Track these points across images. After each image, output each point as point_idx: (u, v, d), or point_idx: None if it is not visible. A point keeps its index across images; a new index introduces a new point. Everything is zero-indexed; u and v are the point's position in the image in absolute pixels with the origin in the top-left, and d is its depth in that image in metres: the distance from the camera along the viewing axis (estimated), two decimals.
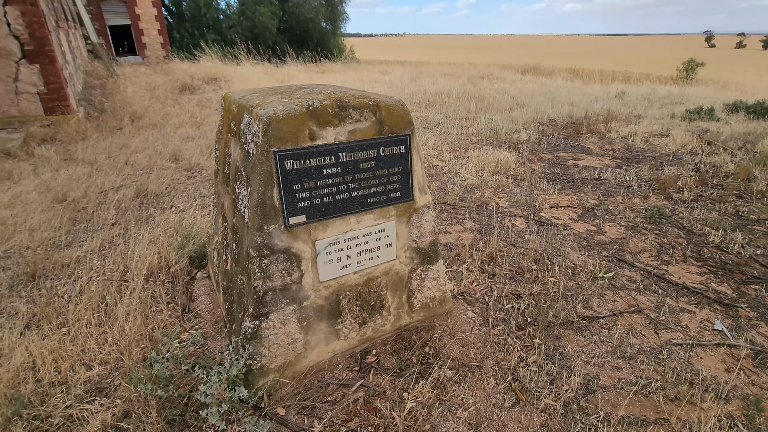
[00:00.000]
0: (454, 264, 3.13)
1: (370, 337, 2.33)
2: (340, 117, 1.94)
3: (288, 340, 2.04)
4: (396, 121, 2.10)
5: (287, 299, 2.00)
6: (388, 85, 11.87)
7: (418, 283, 2.42)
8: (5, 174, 4.74)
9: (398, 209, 2.23)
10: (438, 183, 4.80)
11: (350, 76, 13.78)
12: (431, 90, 10.90)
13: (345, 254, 2.11)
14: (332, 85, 2.37)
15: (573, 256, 3.32)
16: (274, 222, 1.89)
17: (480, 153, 5.81)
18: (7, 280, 2.84)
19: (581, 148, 6.39)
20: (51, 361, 2.13)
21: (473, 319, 2.56)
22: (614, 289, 2.90)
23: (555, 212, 4.13)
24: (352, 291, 2.19)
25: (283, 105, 1.84)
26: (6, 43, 6.19)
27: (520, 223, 3.88)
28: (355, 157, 2.01)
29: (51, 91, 6.65)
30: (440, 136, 6.85)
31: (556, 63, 23.75)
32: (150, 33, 16.86)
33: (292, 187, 1.88)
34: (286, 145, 1.83)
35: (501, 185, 4.77)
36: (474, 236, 3.58)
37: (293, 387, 2.06)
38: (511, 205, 4.25)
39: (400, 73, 14.66)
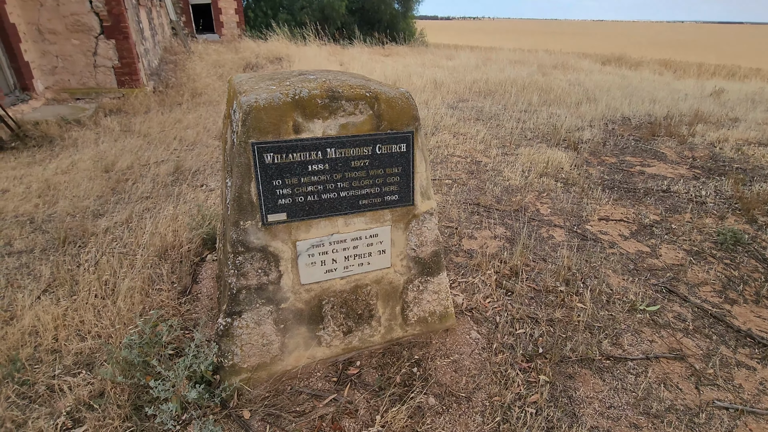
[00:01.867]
0: (471, 275, 2.85)
1: (356, 347, 2.17)
2: (330, 109, 1.75)
3: (263, 341, 1.95)
4: (397, 116, 1.87)
5: (263, 299, 1.89)
6: (449, 71, 11.36)
7: (415, 295, 2.21)
8: (71, 141, 5.16)
9: (395, 214, 2.02)
10: (476, 181, 4.45)
11: (413, 60, 13.40)
12: (495, 78, 10.25)
13: (330, 258, 1.95)
14: (340, 71, 2.18)
15: (613, 280, 2.88)
16: (251, 218, 1.77)
17: (532, 151, 5.32)
18: (42, 243, 3.05)
19: (653, 153, 5.63)
20: (52, 328, 2.23)
21: (476, 341, 2.30)
22: (655, 326, 2.47)
23: (603, 226, 3.64)
24: (336, 297, 2.04)
25: (267, 93, 1.69)
26: (87, 19, 6.69)
27: (558, 234, 3.47)
28: (346, 154, 1.83)
29: (124, 66, 7.14)
30: (493, 129, 6.39)
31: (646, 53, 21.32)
32: (227, 12, 17.62)
33: (271, 182, 1.74)
34: (266, 136, 1.69)
35: (547, 189, 4.32)
36: (501, 245, 3.26)
37: (265, 390, 1.97)
38: (553, 213, 3.82)
39: (466, 59, 13.99)
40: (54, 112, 5.99)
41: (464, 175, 4.60)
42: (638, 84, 10.57)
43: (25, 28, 6.39)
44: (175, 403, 1.74)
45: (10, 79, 6.10)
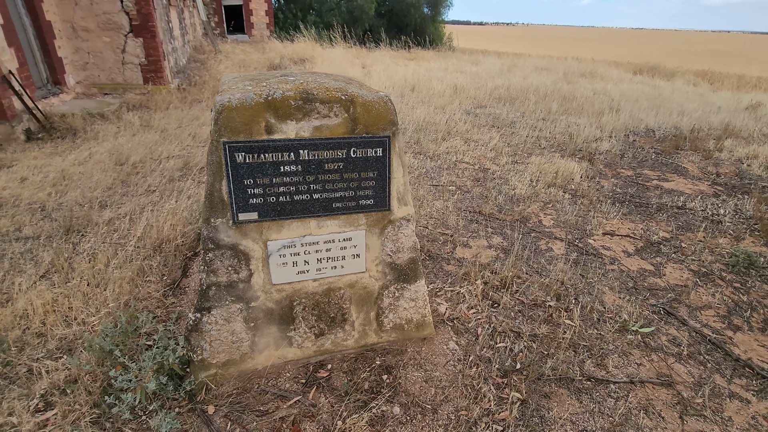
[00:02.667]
0: (458, 284, 2.80)
1: (328, 350, 2.16)
2: (304, 111, 1.76)
3: (232, 338, 1.97)
4: (374, 120, 1.85)
5: (233, 297, 1.91)
6: (471, 76, 11.25)
7: (391, 301, 2.18)
8: (93, 134, 5.39)
9: (370, 218, 2.00)
10: (481, 189, 4.38)
11: (437, 65, 13.34)
12: (517, 85, 10.08)
13: (302, 259, 1.95)
14: (325, 74, 2.19)
15: (608, 297, 2.77)
16: (222, 216, 1.79)
17: (543, 160, 5.19)
18: (48, 230, 3.19)
19: (674, 167, 5.39)
20: (41, 313, 2.32)
21: (453, 352, 2.25)
22: (646, 349, 2.35)
23: (607, 241, 3.50)
24: (308, 299, 2.04)
25: (241, 93, 1.71)
26: (118, 18, 6.99)
27: (558, 247, 3.36)
28: (319, 156, 1.83)
29: (150, 63, 7.41)
30: (506, 137, 6.28)
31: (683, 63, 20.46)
32: (258, 13, 18.05)
33: (243, 181, 1.76)
34: (237, 136, 1.70)
35: (553, 200, 4.19)
36: (496, 255, 3.18)
37: (233, 386, 1.99)
38: (556, 225, 3.71)
39: (490, 65, 13.83)
40: (81, 106, 6.28)
41: (469, 182, 4.53)
42: (669, 95, 10.17)
43: (60, 26, 6.73)
44: (139, 394, 1.77)
45: (43, 73, 6.44)
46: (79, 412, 1.79)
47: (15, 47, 5.33)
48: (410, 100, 8.06)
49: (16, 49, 5.34)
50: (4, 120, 4.94)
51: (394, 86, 9.24)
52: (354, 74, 10.06)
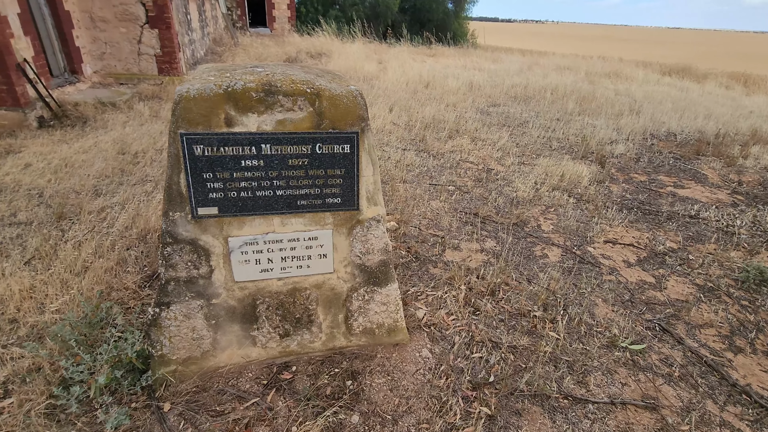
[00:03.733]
0: (442, 288, 2.69)
1: (294, 351, 2.10)
2: (266, 103, 1.69)
3: (193, 335, 1.92)
4: (341, 115, 1.77)
5: (192, 293, 1.86)
6: (489, 74, 11.00)
7: (361, 305, 2.10)
8: (102, 123, 5.48)
9: (337, 218, 1.92)
10: (482, 190, 4.23)
11: (455, 62, 13.11)
12: (536, 84, 9.80)
13: (265, 257, 1.89)
14: (300, 65, 2.11)
15: (599, 310, 2.61)
16: (180, 210, 1.74)
17: (551, 162, 4.99)
18: (41, 217, 3.24)
19: (693, 174, 5.11)
20: (18, 299, 2.34)
21: (425, 360, 2.15)
22: (634, 367, 2.20)
23: (608, 249, 3.32)
24: (272, 298, 1.98)
25: (201, 83, 1.65)
26: (135, 9, 7.09)
27: (554, 254, 3.21)
28: (283, 152, 1.75)
29: (165, 54, 7.50)
30: (517, 136, 6.08)
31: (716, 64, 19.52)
32: (280, 7, 18.13)
33: (202, 175, 1.71)
34: (196, 128, 1.65)
35: (556, 204, 4.02)
36: (486, 260, 3.06)
37: (193, 384, 1.95)
38: (555, 231, 3.55)
39: (511, 63, 13.51)
40: (95, 95, 6.40)
41: (470, 183, 4.39)
42: (697, 98, 9.69)
43: (79, 15, 6.88)
44: (93, 387, 1.75)
45: (60, 62, 6.59)
46: (34, 402, 1.78)
47: (31, 36, 5.46)
48: (422, 97, 7.92)
49: (32, 38, 5.47)
50: (18, 107, 5.07)
51: (408, 82, 9.11)
52: (369, 69, 9.97)
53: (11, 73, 4.97)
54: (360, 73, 9.67)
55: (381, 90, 8.17)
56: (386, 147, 5.21)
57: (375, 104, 6.93)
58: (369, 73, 9.75)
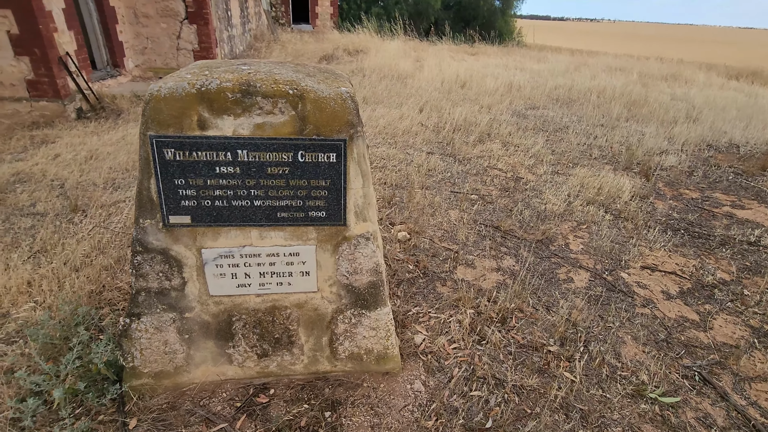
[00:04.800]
0: (447, 311, 2.45)
1: (273, 372, 1.94)
2: (243, 105, 1.53)
3: (165, 348, 1.81)
4: (326, 120, 1.58)
5: (164, 305, 1.75)
6: (532, 74, 10.46)
7: (347, 328, 1.91)
8: (135, 116, 5.61)
9: (321, 233, 1.74)
10: (507, 200, 3.92)
11: (496, 61, 12.60)
12: (581, 86, 9.19)
13: (242, 271, 1.74)
14: (291, 63, 1.94)
15: (627, 349, 2.28)
16: (150, 217, 1.62)
17: (589, 172, 4.58)
18: (58, 208, 3.29)
19: (755, 192, 4.52)
20: (15, 293, 2.34)
21: (416, 394, 1.93)
22: (663, 425, 1.87)
23: (645, 277, 2.94)
24: (250, 315, 1.83)
25: (174, 82, 1.52)
26: (175, 5, 7.25)
27: (580, 279, 2.87)
28: (261, 159, 1.59)
29: (202, 49, 7.64)
30: (554, 143, 5.66)
31: None
32: (323, 3, 18.22)
33: (173, 180, 1.57)
34: (166, 130, 1.52)
35: (590, 221, 3.64)
36: (502, 280, 2.78)
37: (165, 400, 1.84)
38: (585, 251, 3.19)
39: (557, 63, 12.81)
40: (133, 89, 6.60)
41: (495, 192, 4.08)
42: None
43: (123, 11, 7.12)
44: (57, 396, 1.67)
45: (104, 56, 6.85)
46: (4, 406, 1.73)
47: (74, 30, 5.67)
48: (456, 97, 7.60)
49: (75, 32, 5.69)
50: (57, 98, 5.28)
51: (444, 81, 8.80)
52: (404, 68, 9.74)
53: (53, 66, 5.17)
54: (395, 71, 9.46)
55: (414, 89, 7.93)
56: (410, 150, 4.98)
57: (405, 104, 6.71)
58: (404, 71, 9.52)
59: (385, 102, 6.90)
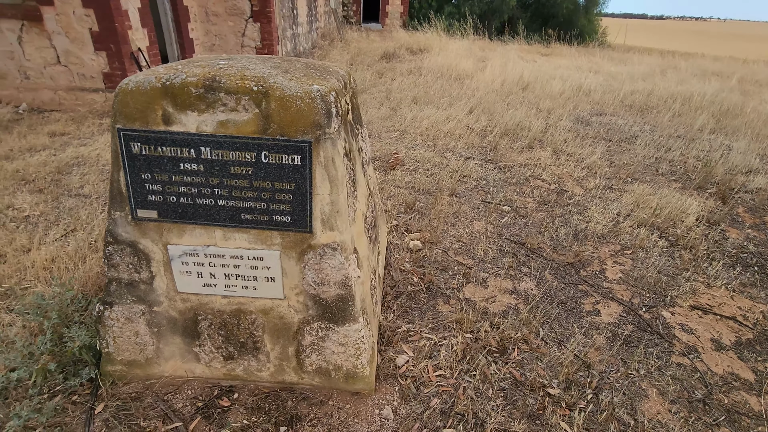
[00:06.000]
0: (441, 332, 2.25)
1: (240, 376, 1.89)
2: (207, 101, 1.48)
3: (136, 339, 1.83)
4: (291, 120, 1.48)
5: (134, 297, 1.76)
6: (606, 77, 9.57)
7: (314, 341, 1.80)
8: None
9: (286, 239, 1.64)
10: (543, 215, 3.56)
11: (569, 62, 11.73)
12: (663, 91, 8.22)
13: (207, 271, 1.70)
14: (279, 58, 1.85)
15: (649, 406, 1.92)
16: (120, 209, 1.64)
17: (649, 190, 4.03)
18: (101, 191, 3.55)
19: None
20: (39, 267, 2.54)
21: (383, 422, 1.77)
22: None
23: (693, 319, 2.48)
24: (215, 316, 1.78)
25: (144, 75, 1.50)
26: (242, 4, 7.61)
27: (609, 312, 2.50)
28: (224, 157, 1.53)
29: (264, 47, 7.95)
30: (615, 154, 5.08)
31: None
32: (394, 3, 18.22)
33: (140, 175, 1.57)
34: (133, 123, 1.51)
35: (638, 246, 3.18)
36: (514, 305, 2.50)
37: (135, 389, 1.87)
38: (623, 281, 2.78)
39: (639, 65, 11.63)
40: None
41: (532, 204, 3.73)
42: None
43: (196, 10, 7.63)
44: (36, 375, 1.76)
45: (175, 52, 7.39)
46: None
47: (148, 28, 6.16)
48: (514, 100, 7.16)
49: (148, 30, 6.17)
50: None
51: (504, 83, 8.35)
52: (465, 68, 9.39)
53: (125, 61, 5.66)
54: (454, 71, 9.16)
55: (470, 90, 7.60)
56: (448, 153, 4.74)
57: (455, 105, 6.44)
58: (464, 71, 9.18)
59: (435, 102, 6.68)
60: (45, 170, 3.85)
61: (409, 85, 7.77)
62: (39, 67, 5.77)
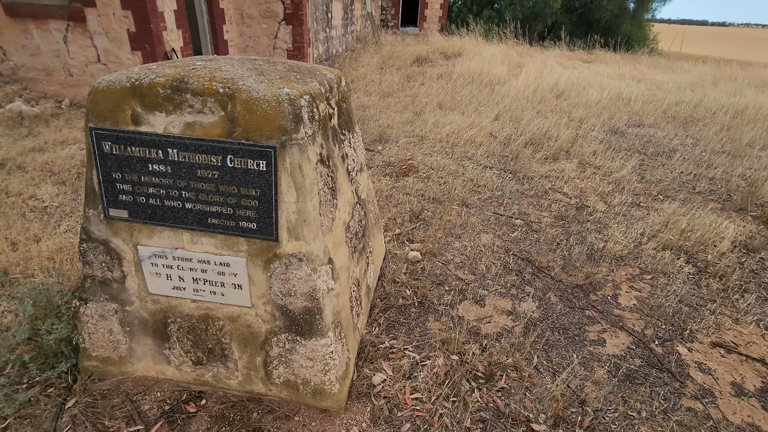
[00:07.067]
0: (426, 351, 2.12)
1: (209, 382, 1.85)
2: (174, 102, 1.45)
3: (110, 337, 1.84)
4: (256, 124, 1.42)
5: (107, 295, 1.76)
6: (649, 86, 9.02)
7: (281, 353, 1.73)
8: None
9: (252, 246, 1.59)
10: (558, 231, 3.34)
11: (611, 70, 11.16)
12: (713, 103, 7.64)
13: (176, 274, 1.68)
14: (262, 59, 1.80)
15: None
16: (93, 207, 1.64)
17: (681, 210, 3.70)
18: None
19: None
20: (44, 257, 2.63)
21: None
22: None
23: (713, 357, 2.22)
24: (184, 320, 1.76)
25: (116, 75, 1.50)
26: (275, 7, 7.76)
27: (615, 343, 2.28)
28: (191, 160, 1.50)
29: (295, 49, 8.07)
30: (648, 168, 4.74)
31: None
32: (433, 6, 18.09)
33: (111, 174, 1.57)
34: (104, 122, 1.50)
35: (660, 270, 2.91)
36: (510, 327, 2.33)
37: (108, 386, 1.87)
38: (637, 309, 2.54)
39: (688, 74, 10.90)
40: None
41: (547, 219, 3.52)
42: None
43: (232, 13, 7.84)
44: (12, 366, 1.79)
45: (210, 53, 7.62)
46: None
47: (182, 29, 6.38)
48: (545, 108, 6.87)
49: (183, 31, 6.40)
50: None
51: (537, 90, 8.04)
52: (498, 73, 9.14)
53: (158, 60, 5.87)
54: (486, 76, 8.92)
55: (500, 96, 7.37)
56: (466, 161, 4.58)
57: (480, 111, 6.25)
58: (496, 77, 8.93)
59: (461, 108, 6.51)
60: (71, 163, 4.03)
61: (436, 89, 7.63)
62: (81, 65, 6.11)
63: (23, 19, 5.84)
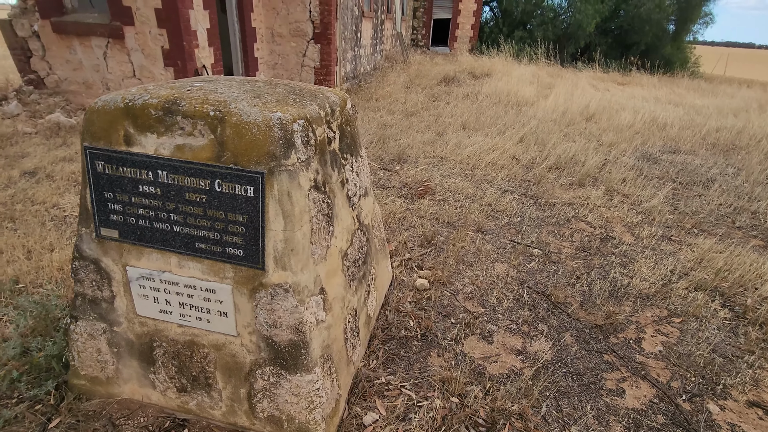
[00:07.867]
0: (423, 391, 1.99)
1: (193, 411, 1.78)
2: (165, 124, 1.42)
3: (99, 356, 1.80)
4: (245, 149, 1.37)
5: (96, 314, 1.74)
6: (688, 111, 8.62)
7: (266, 386, 1.64)
8: None
9: (238, 273, 1.53)
10: (578, 263, 3.14)
11: (647, 93, 10.78)
12: (759, 130, 7.21)
13: (163, 297, 1.63)
14: (265, 81, 1.76)
15: None
16: (86, 226, 1.63)
17: (718, 246, 3.42)
18: None
19: None
20: (54, 268, 2.67)
21: None
22: None
23: (748, 418, 1.97)
24: (169, 345, 1.70)
25: (113, 95, 1.49)
26: (305, 26, 7.94)
27: (636, 395, 2.07)
28: (180, 182, 1.46)
29: (322, 67, 8.20)
30: (682, 198, 4.45)
31: None
32: (464, 27, 18.17)
33: (103, 193, 1.55)
34: (98, 142, 1.49)
35: (691, 313, 2.67)
36: (518, 369, 2.16)
37: (93, 407, 1.83)
38: (663, 356, 2.31)
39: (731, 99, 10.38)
40: None
41: (569, 250, 3.32)
42: None
43: (263, 32, 8.09)
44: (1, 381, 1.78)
45: (240, 70, 7.85)
46: None
47: (214, 47, 6.60)
48: (573, 131, 6.65)
49: (215, 49, 6.61)
50: None
51: (566, 112, 7.82)
52: (526, 94, 8.98)
53: (189, 76, 6.07)
54: (513, 97, 8.78)
55: (527, 118, 7.20)
56: (485, 184, 4.44)
57: (504, 133, 6.10)
58: (524, 98, 8.77)
59: (485, 129, 6.39)
60: None
61: (462, 110, 7.55)
62: (118, 79, 6.40)
63: (68, 36, 6.19)
